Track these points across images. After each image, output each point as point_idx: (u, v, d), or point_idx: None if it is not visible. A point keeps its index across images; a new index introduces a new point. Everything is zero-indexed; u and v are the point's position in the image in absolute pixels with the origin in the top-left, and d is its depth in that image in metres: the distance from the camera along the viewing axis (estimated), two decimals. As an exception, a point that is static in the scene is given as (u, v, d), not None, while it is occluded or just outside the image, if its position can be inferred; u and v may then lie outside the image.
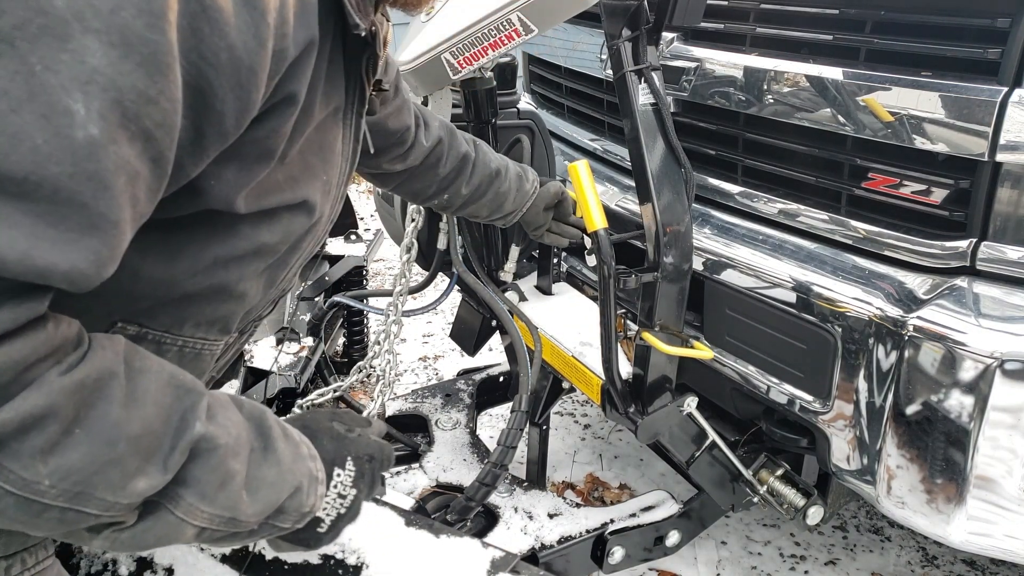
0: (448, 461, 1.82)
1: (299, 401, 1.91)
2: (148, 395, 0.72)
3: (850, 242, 1.33)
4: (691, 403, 1.47)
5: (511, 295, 1.83)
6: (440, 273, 1.95)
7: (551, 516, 1.62)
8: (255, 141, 0.78)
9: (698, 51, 1.52)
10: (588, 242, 1.73)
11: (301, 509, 0.89)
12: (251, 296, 0.93)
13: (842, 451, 1.30)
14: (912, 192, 1.23)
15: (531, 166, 1.70)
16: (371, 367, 1.89)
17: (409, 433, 1.97)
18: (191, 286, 0.84)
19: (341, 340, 2.80)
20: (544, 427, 1.93)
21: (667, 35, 1.57)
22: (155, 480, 0.72)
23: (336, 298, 2.30)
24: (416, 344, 3.23)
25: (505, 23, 1.42)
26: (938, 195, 1.20)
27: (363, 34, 0.88)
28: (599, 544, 1.62)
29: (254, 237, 0.85)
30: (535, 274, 1.90)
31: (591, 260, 1.83)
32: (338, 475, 0.96)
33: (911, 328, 1.16)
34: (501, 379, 2.21)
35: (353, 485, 0.97)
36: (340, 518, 0.97)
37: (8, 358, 0.61)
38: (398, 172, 1.47)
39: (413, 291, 1.92)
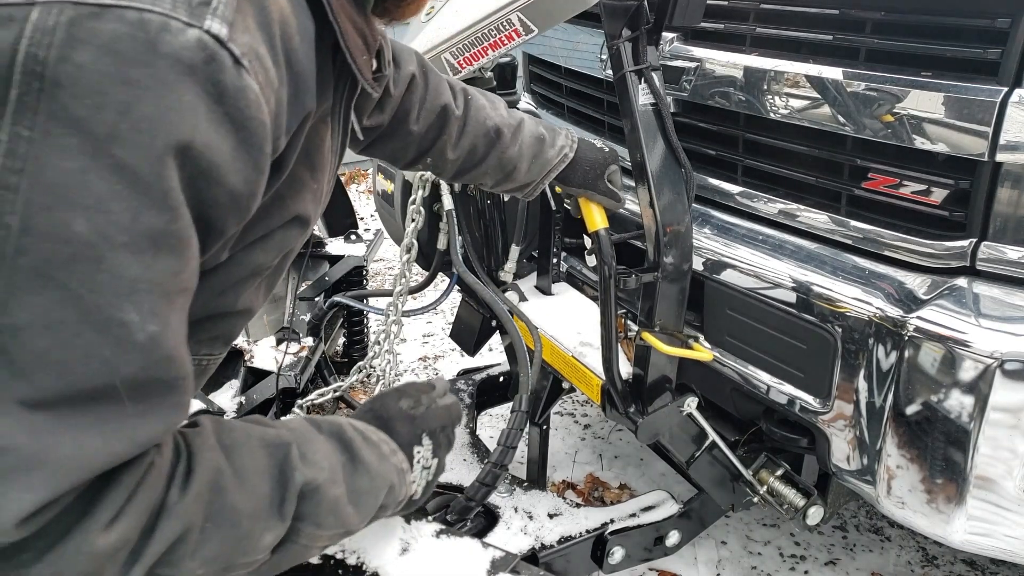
0: (448, 461, 1.81)
1: (299, 401, 1.91)
2: (248, 468, 0.79)
3: (850, 242, 1.33)
4: (691, 403, 1.47)
5: (511, 295, 1.83)
6: (440, 273, 1.95)
7: (551, 516, 1.62)
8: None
9: (698, 51, 1.52)
10: (588, 242, 1.73)
11: (397, 499, 1.00)
12: (253, 308, 0.94)
13: (842, 451, 1.30)
14: (912, 192, 1.23)
15: None
16: (371, 367, 1.89)
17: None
18: (192, 315, 0.82)
19: (341, 340, 2.80)
20: (544, 427, 1.93)
21: (667, 35, 1.56)
22: (278, 530, 0.82)
23: (336, 298, 2.31)
24: (416, 344, 3.22)
25: (505, 23, 1.42)
26: (938, 195, 1.20)
27: (375, 94, 0.89)
28: (599, 544, 1.62)
29: (248, 262, 0.85)
30: (535, 274, 1.90)
31: (591, 260, 1.83)
32: (418, 451, 1.04)
33: (911, 328, 1.16)
34: (501, 379, 2.20)
35: (433, 455, 1.08)
36: (428, 484, 1.08)
37: (141, 507, 0.68)
38: (364, 129, 1.21)
39: (413, 291, 1.92)
